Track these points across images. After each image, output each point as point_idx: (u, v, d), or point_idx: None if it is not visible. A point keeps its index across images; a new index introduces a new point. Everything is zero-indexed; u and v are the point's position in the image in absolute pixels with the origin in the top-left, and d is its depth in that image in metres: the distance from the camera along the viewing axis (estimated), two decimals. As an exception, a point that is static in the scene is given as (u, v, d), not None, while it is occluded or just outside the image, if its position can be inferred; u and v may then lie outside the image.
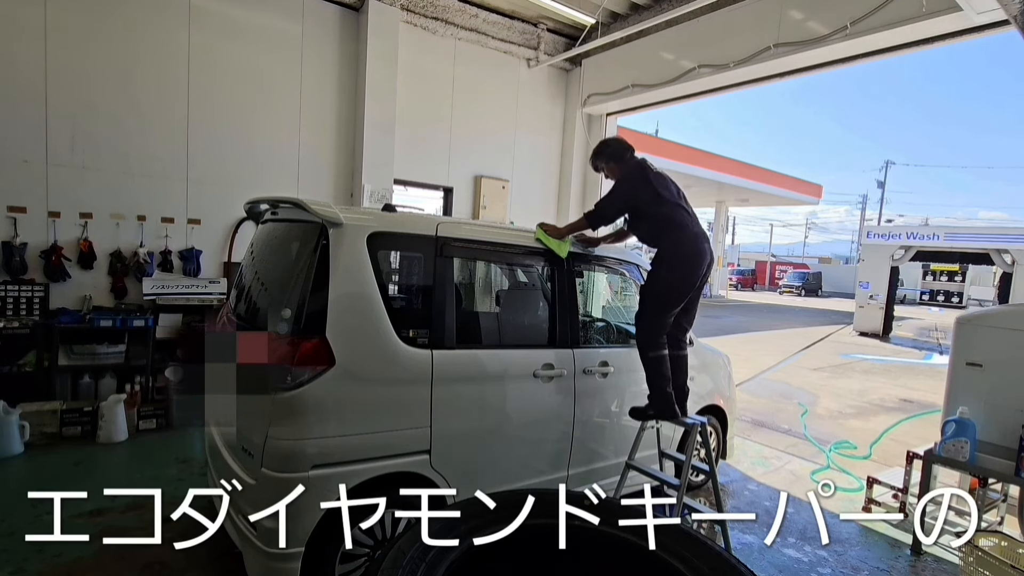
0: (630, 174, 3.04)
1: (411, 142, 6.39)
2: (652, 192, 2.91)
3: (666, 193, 2.93)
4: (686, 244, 2.87)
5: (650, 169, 3.00)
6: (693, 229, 2.92)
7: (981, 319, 3.40)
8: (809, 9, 5.10)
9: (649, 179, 2.94)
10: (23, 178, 4.51)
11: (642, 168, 3.00)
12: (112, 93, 4.81)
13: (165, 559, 2.69)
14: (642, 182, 2.95)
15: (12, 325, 4.28)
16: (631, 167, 3.06)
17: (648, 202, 2.94)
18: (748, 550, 3.23)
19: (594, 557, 1.44)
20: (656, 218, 2.95)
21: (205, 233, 5.33)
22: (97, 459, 3.91)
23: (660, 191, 2.91)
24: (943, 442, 3.21)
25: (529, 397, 2.82)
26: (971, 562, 2.59)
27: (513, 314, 3.28)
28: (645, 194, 2.93)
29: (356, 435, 2.27)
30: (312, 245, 2.34)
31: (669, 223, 2.91)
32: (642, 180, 2.95)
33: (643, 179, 2.95)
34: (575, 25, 6.83)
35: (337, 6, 5.90)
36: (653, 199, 2.92)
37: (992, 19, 4.13)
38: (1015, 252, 12.42)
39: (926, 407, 7.13)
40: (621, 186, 3.06)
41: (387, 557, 1.19)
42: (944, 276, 27.35)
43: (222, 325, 2.99)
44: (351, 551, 2.30)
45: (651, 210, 2.94)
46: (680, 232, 2.88)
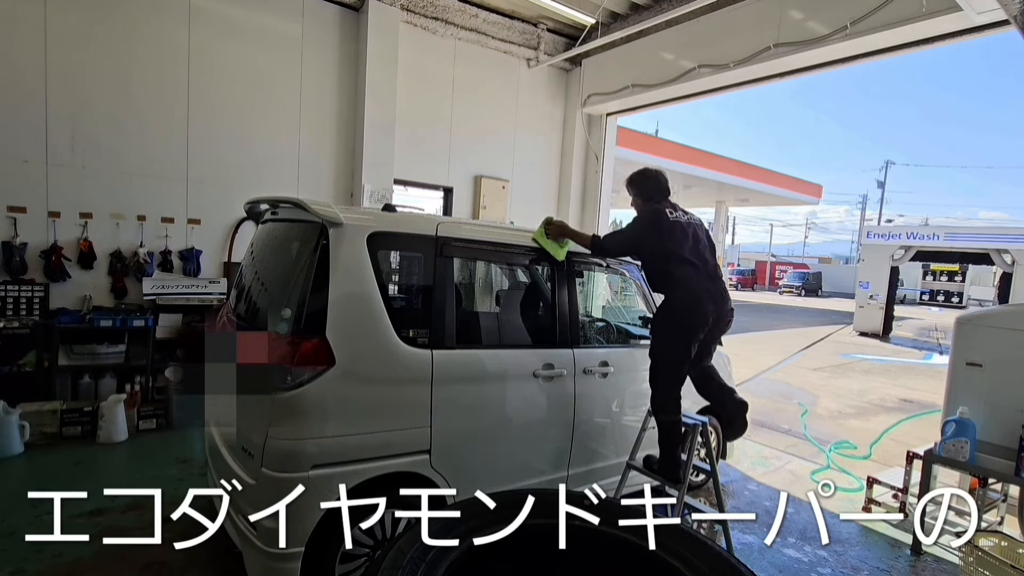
0: (642, 220, 2.97)
1: (411, 142, 6.39)
2: (658, 244, 2.83)
3: (673, 247, 2.81)
4: (685, 303, 2.78)
5: (665, 218, 2.86)
6: (697, 287, 2.79)
7: (981, 319, 3.40)
8: (809, 9, 5.10)
9: (660, 230, 2.84)
10: (23, 178, 4.51)
11: (656, 217, 2.88)
12: (112, 93, 4.81)
13: (165, 559, 2.69)
14: (650, 231, 2.87)
15: (12, 325, 4.28)
16: (646, 212, 2.97)
17: (652, 252, 2.88)
18: (748, 550, 3.22)
19: (594, 557, 1.43)
20: (659, 271, 2.90)
21: (205, 233, 5.33)
22: (97, 459, 3.91)
23: (667, 244, 2.81)
24: (943, 442, 3.21)
25: (529, 397, 2.82)
26: (971, 562, 2.59)
27: (513, 314, 3.28)
28: (650, 244, 2.87)
29: (356, 435, 2.27)
30: (312, 245, 2.34)
31: (669, 279, 2.82)
32: (651, 229, 2.87)
33: (653, 228, 2.86)
34: (575, 25, 6.83)
35: (337, 6, 5.90)
36: (657, 251, 2.84)
37: (992, 19, 4.13)
38: (1015, 252, 12.41)
39: (926, 407, 7.14)
40: (631, 229, 3.00)
41: (387, 557, 1.19)
42: (944, 276, 27.36)
43: (222, 325, 2.99)
44: (351, 551, 2.30)
45: (655, 262, 2.89)
46: (680, 289, 2.78)
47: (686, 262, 2.81)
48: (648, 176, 3.08)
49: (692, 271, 2.81)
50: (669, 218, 2.86)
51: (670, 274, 2.81)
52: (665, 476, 2.88)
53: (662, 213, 2.87)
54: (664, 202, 2.98)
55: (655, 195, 3.01)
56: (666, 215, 2.86)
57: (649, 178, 3.06)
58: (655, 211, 2.90)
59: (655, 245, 2.84)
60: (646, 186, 3.05)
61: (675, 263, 2.80)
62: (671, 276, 2.81)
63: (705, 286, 2.82)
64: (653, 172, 3.08)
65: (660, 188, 3.03)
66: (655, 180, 3.05)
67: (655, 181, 3.05)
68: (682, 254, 2.80)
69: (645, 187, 3.05)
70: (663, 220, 2.85)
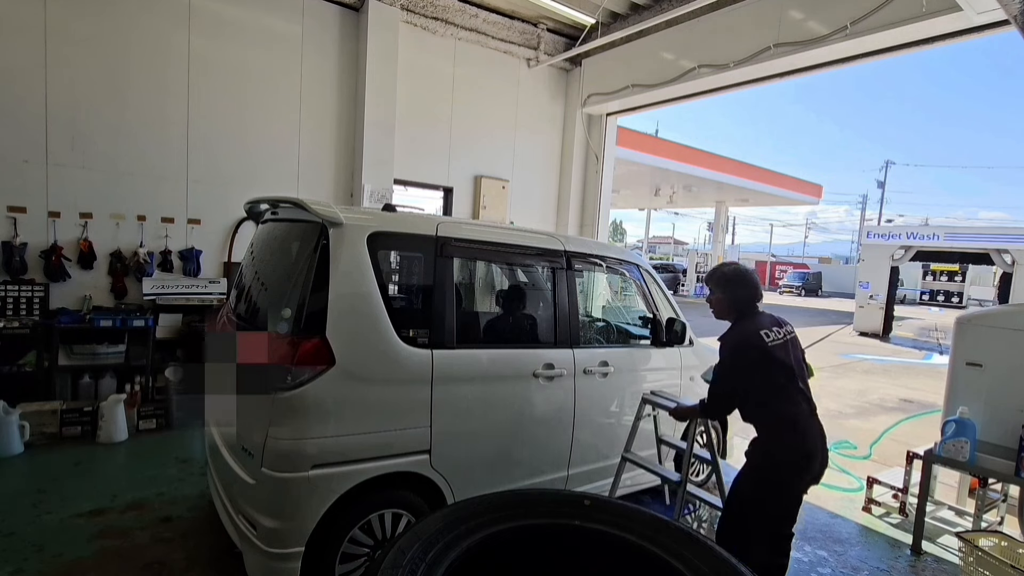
0: (739, 355, 2.36)
1: (411, 142, 6.40)
2: (764, 379, 2.31)
3: (782, 379, 2.31)
4: (797, 451, 2.26)
5: (766, 349, 2.30)
6: (810, 432, 2.31)
7: (981, 319, 3.40)
8: (809, 9, 5.10)
9: (763, 364, 2.29)
10: (23, 178, 4.51)
11: (754, 350, 2.30)
12: (112, 93, 4.81)
13: (165, 559, 2.69)
14: (752, 369, 2.31)
15: (12, 325, 4.28)
16: (742, 343, 2.35)
17: (757, 388, 2.33)
18: (748, 550, 3.22)
19: (594, 556, 1.43)
20: (761, 404, 2.35)
21: (205, 233, 5.33)
22: (97, 459, 3.90)
23: (774, 377, 2.30)
24: (943, 442, 3.21)
25: (529, 397, 2.82)
26: (971, 562, 2.58)
27: (513, 314, 3.28)
28: (755, 381, 2.32)
29: (356, 435, 2.27)
30: (312, 245, 2.34)
31: (775, 417, 2.31)
32: (754, 367, 2.31)
33: (756, 365, 2.31)
34: (575, 25, 6.83)
35: (337, 6, 5.90)
36: (761, 386, 2.32)
37: (992, 19, 4.13)
38: (1015, 252, 12.42)
39: (926, 407, 7.14)
40: (729, 371, 2.40)
41: (387, 557, 1.19)
42: (944, 276, 27.36)
43: (222, 325, 2.99)
44: (351, 551, 2.30)
45: (757, 395, 2.34)
46: (792, 433, 2.28)
47: (796, 397, 2.31)
48: (743, 280, 2.48)
49: (805, 408, 2.33)
50: (768, 344, 2.31)
51: (778, 412, 2.29)
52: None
53: (760, 341, 2.30)
54: (756, 317, 2.43)
55: (748, 305, 2.47)
56: (765, 342, 2.30)
57: (745, 283, 2.47)
58: (751, 341, 2.31)
59: (759, 381, 2.32)
60: (740, 293, 2.47)
61: (783, 398, 2.30)
62: (779, 415, 2.29)
63: (817, 429, 2.34)
64: (745, 274, 2.50)
65: (753, 295, 2.48)
66: (751, 286, 2.48)
67: (752, 287, 2.48)
68: (791, 387, 2.31)
69: (738, 294, 2.47)
70: (764, 352, 2.30)
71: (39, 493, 3.29)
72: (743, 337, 2.35)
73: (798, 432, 2.27)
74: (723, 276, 2.53)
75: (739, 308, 2.47)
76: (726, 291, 2.50)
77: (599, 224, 7.73)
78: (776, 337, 2.35)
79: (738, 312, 2.47)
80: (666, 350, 3.57)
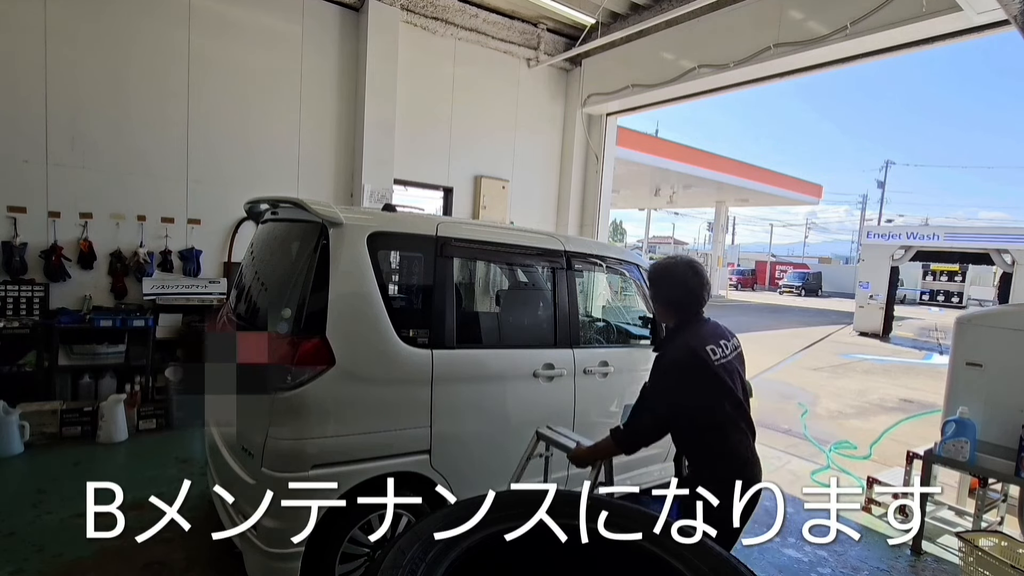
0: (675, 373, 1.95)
1: (411, 142, 6.39)
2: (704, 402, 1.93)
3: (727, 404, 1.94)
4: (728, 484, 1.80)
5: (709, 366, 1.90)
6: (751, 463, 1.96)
7: (981, 319, 3.40)
8: (809, 9, 5.10)
9: (703, 384, 1.91)
10: (23, 178, 4.51)
11: (695, 367, 1.90)
12: (112, 93, 4.81)
13: (165, 559, 2.69)
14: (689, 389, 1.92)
15: (12, 325, 4.27)
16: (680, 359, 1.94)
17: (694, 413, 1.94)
18: (748, 550, 3.22)
19: (594, 556, 1.43)
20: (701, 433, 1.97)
21: (205, 233, 5.33)
22: (97, 459, 3.91)
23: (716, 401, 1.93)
24: (943, 442, 3.21)
25: (529, 397, 2.82)
26: (971, 562, 2.58)
27: (513, 314, 3.28)
28: (692, 405, 1.93)
29: (356, 435, 2.27)
30: (312, 245, 2.34)
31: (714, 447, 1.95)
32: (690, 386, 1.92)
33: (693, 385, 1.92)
34: (575, 25, 6.83)
35: (337, 6, 5.90)
36: (701, 409, 1.93)
37: (992, 19, 4.13)
38: (1015, 252, 12.42)
39: (926, 407, 7.13)
40: (660, 394, 2.00)
41: (387, 557, 1.19)
42: (944, 276, 27.36)
43: (222, 325, 2.99)
44: (351, 551, 2.30)
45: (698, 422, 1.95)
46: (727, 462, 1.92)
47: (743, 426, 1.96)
48: (675, 278, 2.04)
49: (750, 441, 1.98)
50: (715, 362, 1.91)
51: (724, 445, 1.93)
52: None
53: (706, 357, 1.90)
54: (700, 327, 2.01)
55: (690, 307, 2.04)
56: (711, 359, 1.90)
57: (677, 282, 2.04)
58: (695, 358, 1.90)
59: (698, 403, 1.93)
60: (674, 295, 2.05)
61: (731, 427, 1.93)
62: (725, 448, 1.93)
63: (759, 465, 1.98)
64: (685, 266, 2.06)
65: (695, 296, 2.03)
66: (686, 287, 2.02)
67: (687, 288, 2.02)
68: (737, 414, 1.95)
69: (674, 293, 2.05)
70: (707, 369, 1.89)
71: (39, 493, 3.29)
72: (685, 351, 1.93)
73: (746, 472, 1.88)
74: (652, 273, 2.14)
75: (677, 314, 2.06)
76: (658, 291, 2.10)
77: (599, 224, 7.73)
78: (723, 353, 1.96)
79: (677, 318, 2.06)
80: (666, 350, 3.56)
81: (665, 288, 2.07)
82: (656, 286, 2.11)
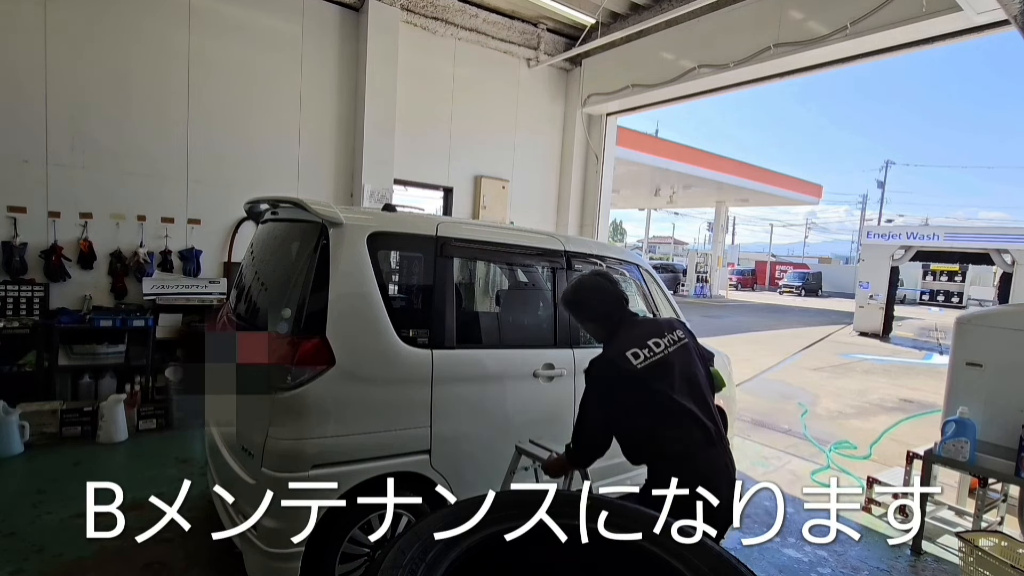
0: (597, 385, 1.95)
1: (411, 142, 6.40)
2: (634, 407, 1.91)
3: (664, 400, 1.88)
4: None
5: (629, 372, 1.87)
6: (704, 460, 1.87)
7: (981, 319, 3.40)
8: (809, 9, 5.10)
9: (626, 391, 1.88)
10: (23, 178, 4.51)
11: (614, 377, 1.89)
12: (112, 93, 4.81)
13: (165, 559, 2.69)
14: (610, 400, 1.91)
15: (12, 325, 4.27)
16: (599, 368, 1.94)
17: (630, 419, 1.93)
18: (748, 550, 3.22)
19: (594, 556, 1.43)
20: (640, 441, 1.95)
21: (205, 233, 5.33)
22: (97, 459, 3.90)
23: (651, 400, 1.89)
24: (943, 442, 3.21)
25: (529, 397, 2.82)
26: (971, 562, 2.58)
27: (513, 314, 3.28)
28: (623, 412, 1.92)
29: (356, 435, 2.27)
30: (312, 245, 2.34)
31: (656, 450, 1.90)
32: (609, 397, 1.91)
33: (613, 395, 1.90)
34: (575, 25, 6.83)
35: (337, 6, 5.90)
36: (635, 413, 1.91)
37: (992, 19, 4.14)
38: (1015, 252, 12.41)
39: (926, 407, 7.13)
40: (590, 407, 1.99)
41: (387, 557, 1.19)
42: (944, 276, 27.34)
43: (222, 325, 2.99)
44: (351, 551, 2.30)
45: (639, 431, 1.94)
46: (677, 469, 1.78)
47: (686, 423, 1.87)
48: (585, 287, 2.09)
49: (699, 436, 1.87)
50: (638, 366, 1.86)
51: (661, 450, 1.88)
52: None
53: (624, 364, 1.87)
54: (627, 331, 1.98)
55: (611, 314, 2.04)
56: (632, 365, 1.86)
57: (590, 290, 2.07)
58: (612, 367, 1.90)
59: (632, 414, 1.92)
60: (591, 306, 2.08)
61: (668, 428, 1.87)
62: (662, 452, 1.88)
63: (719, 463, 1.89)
64: (589, 277, 2.13)
65: (613, 299, 2.05)
66: (603, 287, 2.06)
67: (604, 289, 2.06)
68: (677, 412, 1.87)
69: (591, 307, 2.08)
70: (632, 377, 1.86)
71: (39, 493, 3.29)
72: (602, 363, 1.93)
73: (687, 470, 1.76)
74: (565, 300, 2.13)
75: (605, 326, 2.05)
76: (578, 313, 2.12)
77: (599, 224, 7.73)
78: (652, 353, 1.89)
79: (606, 331, 2.04)
80: (666, 350, 3.56)
81: (583, 308, 2.10)
82: (574, 309, 2.13)
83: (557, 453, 2.27)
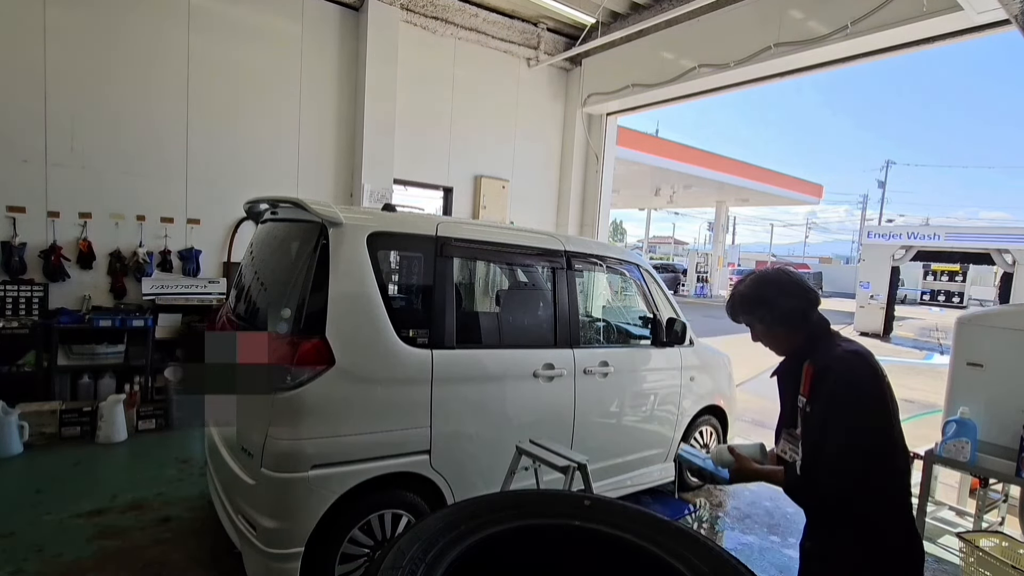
0: (857, 391, 1.48)
1: (411, 142, 6.39)
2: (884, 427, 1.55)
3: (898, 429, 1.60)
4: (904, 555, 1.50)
5: (882, 377, 1.52)
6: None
7: (982, 319, 3.39)
8: (809, 9, 5.10)
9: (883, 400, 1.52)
10: (23, 178, 4.50)
11: (876, 378, 1.50)
12: (111, 93, 4.81)
13: (165, 559, 2.69)
14: (870, 409, 1.50)
15: (11, 325, 4.27)
16: (858, 370, 1.49)
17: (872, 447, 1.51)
18: (748, 550, 3.22)
19: (594, 557, 1.43)
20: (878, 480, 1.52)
21: (205, 233, 5.33)
22: (96, 459, 3.90)
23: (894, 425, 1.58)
24: (943, 442, 3.20)
25: (529, 397, 2.82)
26: (972, 562, 2.58)
27: (513, 314, 3.28)
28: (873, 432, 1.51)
29: (356, 435, 2.27)
30: (312, 245, 2.33)
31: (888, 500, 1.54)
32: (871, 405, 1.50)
33: (874, 402, 1.50)
34: (575, 25, 6.83)
35: (337, 6, 5.90)
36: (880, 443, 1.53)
37: (992, 19, 4.13)
38: (1016, 252, 12.41)
39: (926, 407, 7.13)
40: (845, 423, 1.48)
41: (387, 557, 1.19)
42: (945, 276, 27.30)
43: (222, 325, 2.98)
44: (351, 551, 2.30)
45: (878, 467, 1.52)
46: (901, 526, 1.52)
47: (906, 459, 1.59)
48: (776, 280, 1.62)
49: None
50: (885, 376, 1.52)
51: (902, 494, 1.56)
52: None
53: (880, 369, 1.52)
54: (830, 334, 1.61)
55: (813, 314, 1.60)
56: (883, 371, 1.52)
57: (787, 283, 1.60)
58: (873, 365, 1.51)
59: (878, 428, 1.53)
60: (792, 301, 1.58)
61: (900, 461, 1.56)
62: (901, 500, 1.55)
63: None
64: (777, 272, 1.65)
65: (805, 297, 1.59)
66: (793, 288, 1.59)
67: (793, 289, 1.59)
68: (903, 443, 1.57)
69: (790, 302, 1.58)
70: (889, 389, 1.52)
71: (38, 493, 3.29)
72: (864, 358, 1.49)
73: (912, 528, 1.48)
74: (741, 301, 1.65)
75: (800, 331, 1.60)
76: (769, 311, 1.60)
77: (599, 224, 7.73)
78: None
79: (803, 338, 1.60)
80: (666, 350, 3.56)
81: (772, 307, 1.59)
82: (757, 308, 1.62)
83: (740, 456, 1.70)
